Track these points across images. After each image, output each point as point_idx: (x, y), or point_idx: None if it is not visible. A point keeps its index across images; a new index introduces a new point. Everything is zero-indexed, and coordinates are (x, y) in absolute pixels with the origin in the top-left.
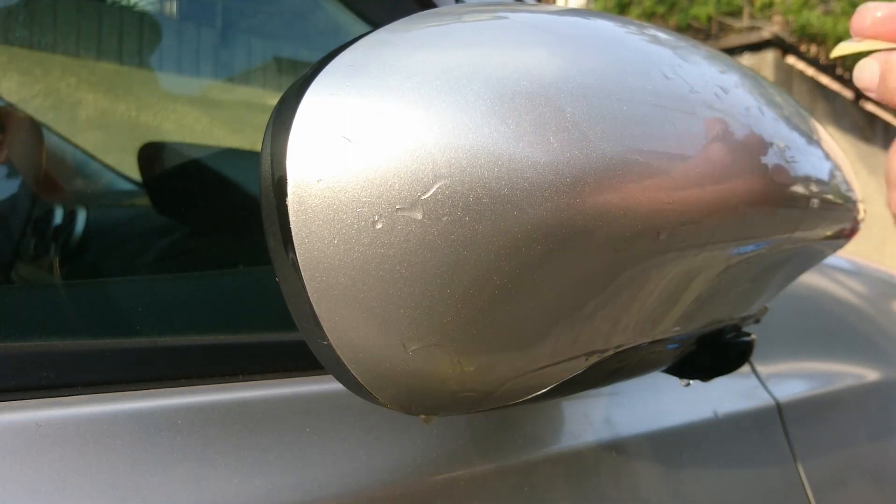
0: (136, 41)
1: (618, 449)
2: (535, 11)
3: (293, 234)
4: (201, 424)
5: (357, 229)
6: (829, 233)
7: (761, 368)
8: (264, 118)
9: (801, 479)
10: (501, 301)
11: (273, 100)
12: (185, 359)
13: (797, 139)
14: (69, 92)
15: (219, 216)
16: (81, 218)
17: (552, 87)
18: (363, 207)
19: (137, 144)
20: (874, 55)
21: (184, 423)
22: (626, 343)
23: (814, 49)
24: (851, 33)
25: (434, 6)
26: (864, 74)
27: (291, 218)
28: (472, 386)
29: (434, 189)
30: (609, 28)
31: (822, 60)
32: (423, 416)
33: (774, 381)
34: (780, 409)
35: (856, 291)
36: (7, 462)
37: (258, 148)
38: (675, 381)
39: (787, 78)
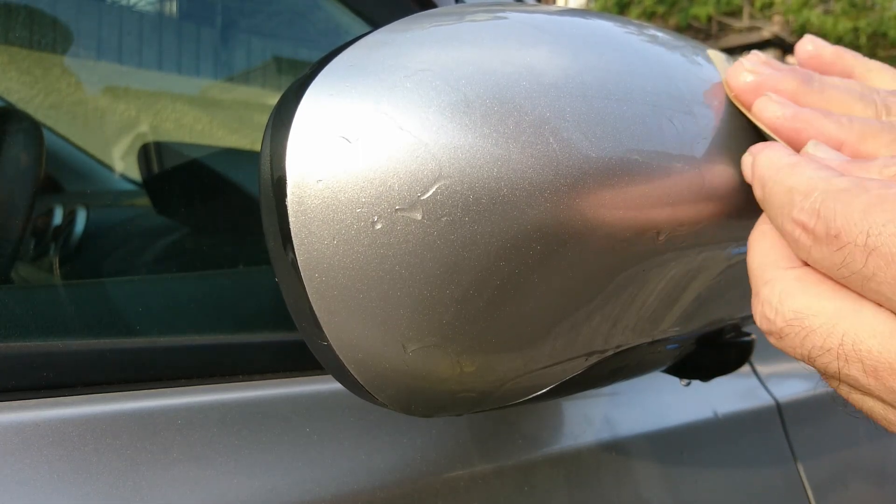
0: (136, 40)
1: (618, 449)
2: (535, 11)
3: (292, 234)
4: (201, 424)
5: (356, 230)
6: None
7: (761, 368)
8: (264, 118)
9: (801, 479)
10: (501, 301)
11: (273, 100)
12: (185, 359)
13: None
14: (69, 91)
15: (219, 216)
16: (81, 218)
17: (552, 87)
18: (362, 208)
19: (137, 144)
20: (750, 149)
21: (184, 423)
22: (626, 343)
23: None
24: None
25: (434, 6)
26: (744, 169)
27: (291, 218)
28: (472, 386)
29: (433, 189)
30: (609, 28)
31: None
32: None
33: (774, 381)
34: (780, 409)
35: None
36: (7, 462)
37: (258, 148)
38: (675, 381)
39: None
